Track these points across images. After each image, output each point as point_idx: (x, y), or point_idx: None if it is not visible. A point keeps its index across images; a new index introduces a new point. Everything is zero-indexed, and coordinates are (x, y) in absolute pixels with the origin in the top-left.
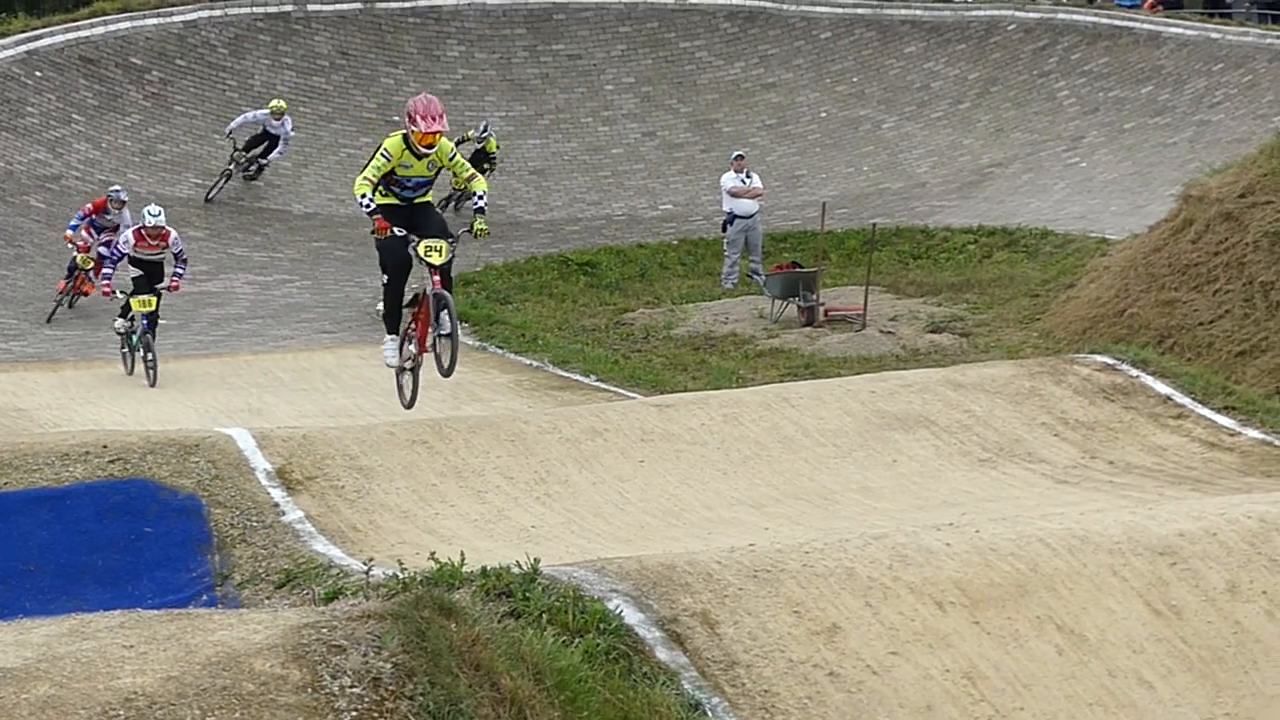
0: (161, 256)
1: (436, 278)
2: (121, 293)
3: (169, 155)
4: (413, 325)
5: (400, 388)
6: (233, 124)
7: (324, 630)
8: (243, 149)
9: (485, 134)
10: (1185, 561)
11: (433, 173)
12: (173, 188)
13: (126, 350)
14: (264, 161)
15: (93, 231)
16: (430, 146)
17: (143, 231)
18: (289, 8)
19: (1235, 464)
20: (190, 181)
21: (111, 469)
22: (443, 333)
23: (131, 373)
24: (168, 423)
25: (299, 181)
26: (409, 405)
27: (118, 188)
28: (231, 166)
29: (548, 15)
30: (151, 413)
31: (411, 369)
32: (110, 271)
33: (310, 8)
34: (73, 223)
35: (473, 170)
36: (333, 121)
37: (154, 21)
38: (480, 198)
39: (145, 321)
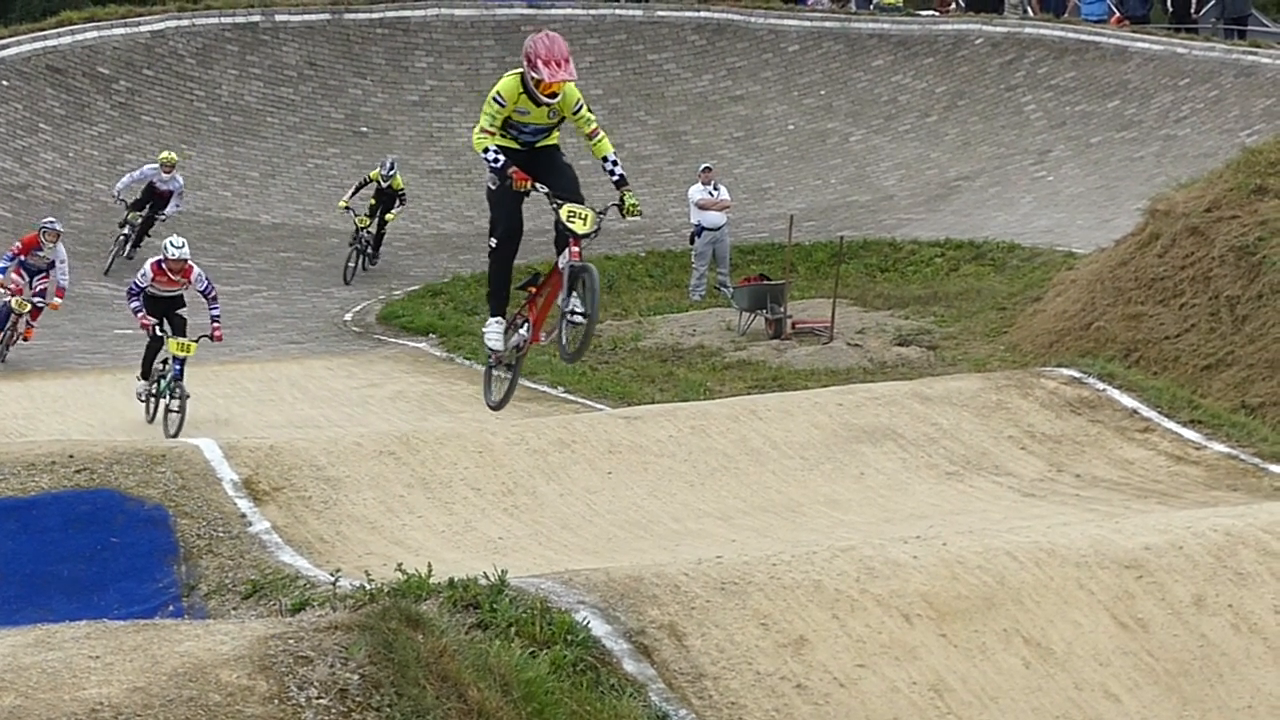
0: (179, 293)
1: (576, 249)
2: (160, 331)
3: (136, 165)
4: (527, 306)
5: (490, 381)
6: (119, 184)
7: (291, 641)
8: (131, 207)
9: (391, 172)
10: (1151, 575)
11: (554, 120)
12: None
13: (150, 396)
14: (161, 217)
15: (23, 273)
16: (554, 95)
17: (163, 265)
18: (257, 18)
19: (1201, 477)
20: None
21: (78, 479)
22: (576, 311)
23: (152, 420)
24: (134, 433)
25: (266, 192)
26: (498, 405)
27: (51, 219)
28: (126, 231)
29: (515, 27)
30: (118, 423)
31: (513, 362)
32: (139, 305)
33: (278, 18)
34: (0, 266)
35: (596, 124)
36: (300, 132)
37: (121, 31)
38: (614, 164)
39: (178, 366)
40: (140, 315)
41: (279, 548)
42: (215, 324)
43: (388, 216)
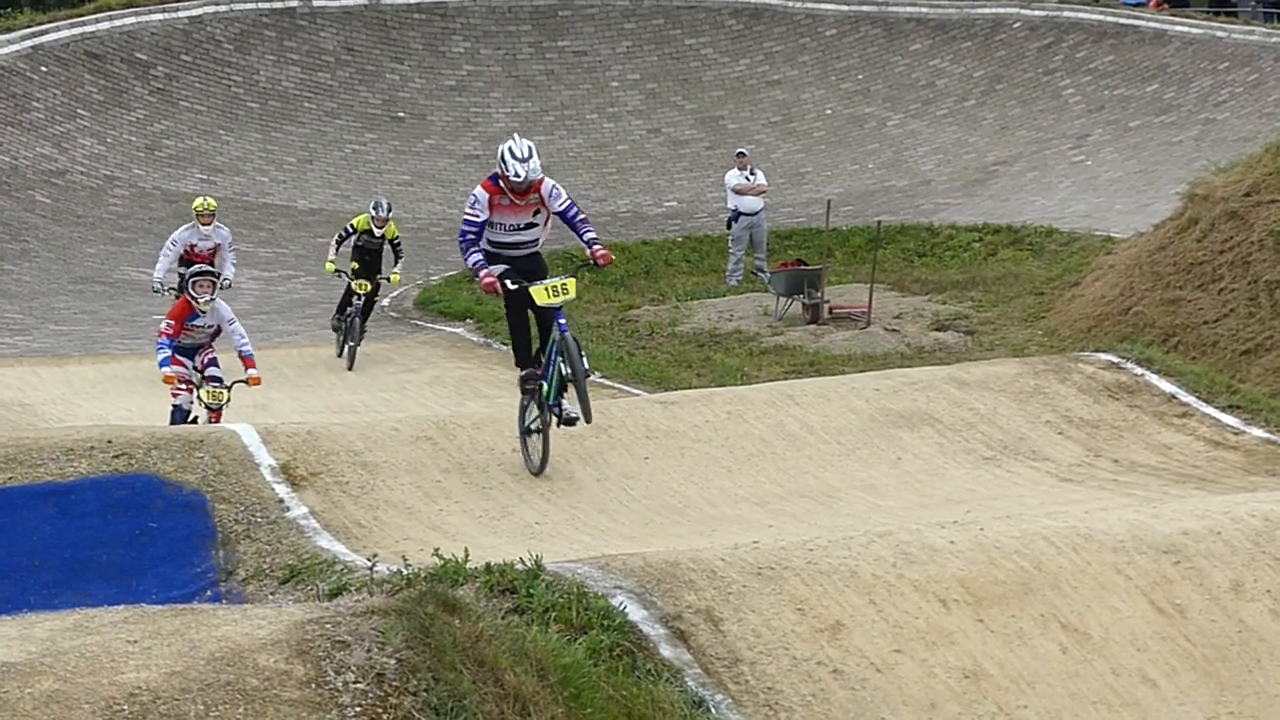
0: (535, 230)
1: None
2: (514, 283)
3: (174, 150)
4: None
5: None
6: (158, 271)
7: (328, 626)
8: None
9: (387, 215)
10: (1189, 560)
11: None
12: (177, 183)
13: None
14: (223, 283)
15: (182, 362)
16: None
17: (499, 181)
18: (294, 3)
19: (1240, 463)
20: (195, 177)
21: (116, 464)
22: None
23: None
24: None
25: (304, 177)
26: None
27: (198, 267)
28: None
29: (553, 11)
30: (156, 408)
31: None
32: (480, 259)
33: (316, 3)
34: (163, 357)
35: None
36: (337, 117)
37: (159, 17)
38: None
39: (561, 319)
40: (485, 275)
41: (316, 533)
42: (596, 246)
43: (392, 276)
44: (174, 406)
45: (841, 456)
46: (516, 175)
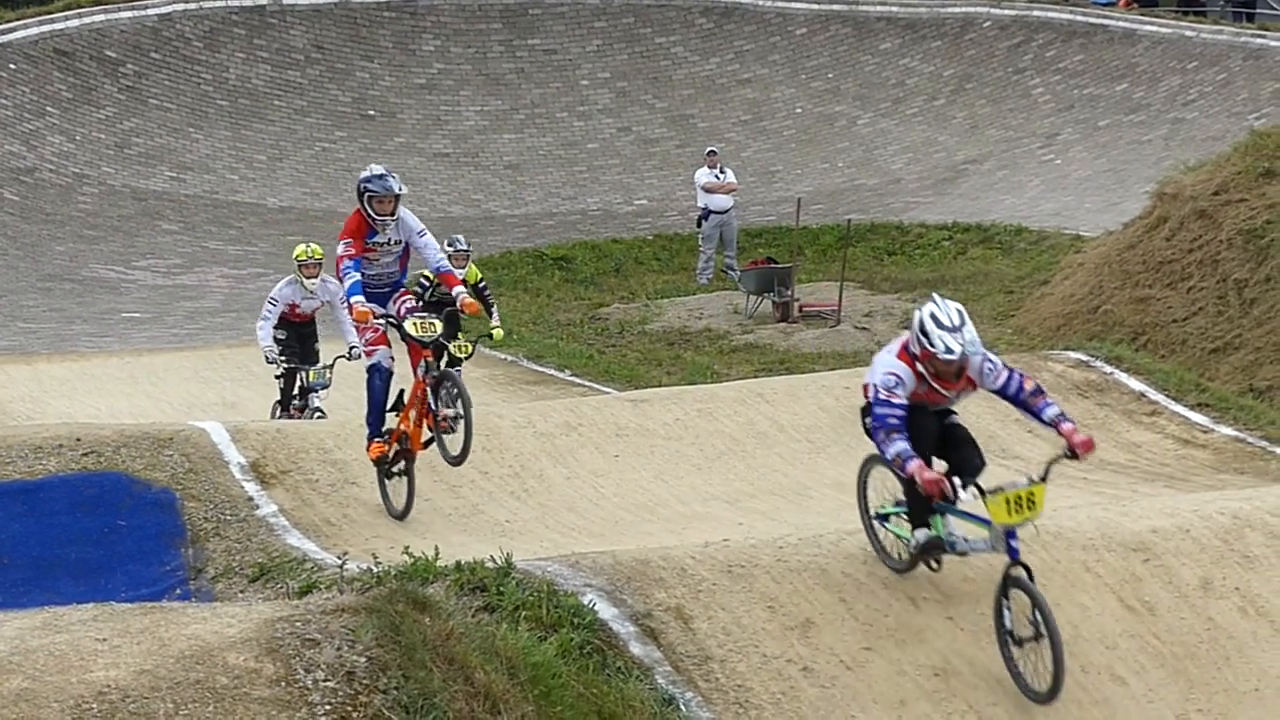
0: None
1: None
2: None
3: (143, 148)
4: None
5: None
6: (263, 338)
7: (298, 624)
8: (285, 354)
9: (466, 249)
10: (1158, 558)
11: None
12: (147, 181)
13: None
14: (354, 351)
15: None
16: None
17: (921, 364)
18: (264, 1)
19: (1208, 461)
20: (164, 175)
21: (85, 462)
22: None
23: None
24: (141, 416)
25: (274, 175)
26: None
27: (385, 175)
28: (298, 400)
29: (523, 10)
30: (125, 406)
31: None
32: (907, 447)
33: (285, 1)
34: (351, 283)
35: None
36: (308, 115)
37: (128, 14)
38: None
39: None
40: (927, 477)
41: (286, 530)
42: (1066, 424)
43: (495, 332)
44: (371, 366)
45: (811, 454)
46: (948, 352)
